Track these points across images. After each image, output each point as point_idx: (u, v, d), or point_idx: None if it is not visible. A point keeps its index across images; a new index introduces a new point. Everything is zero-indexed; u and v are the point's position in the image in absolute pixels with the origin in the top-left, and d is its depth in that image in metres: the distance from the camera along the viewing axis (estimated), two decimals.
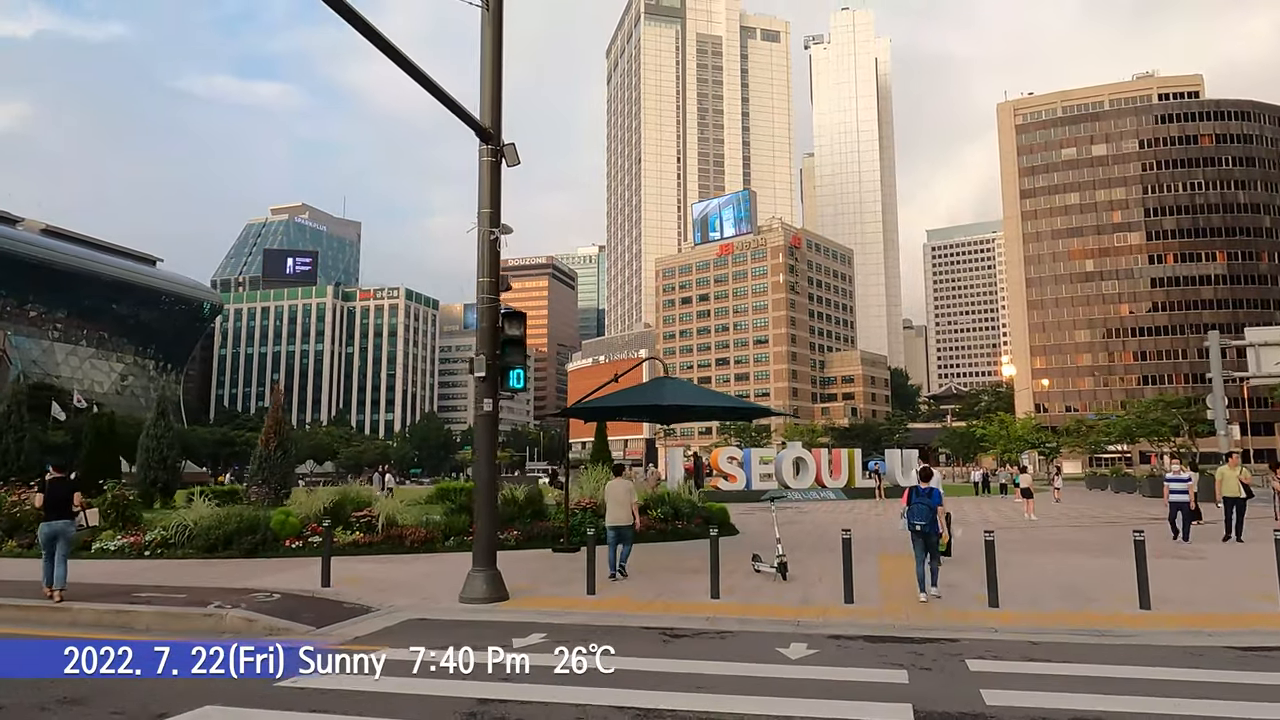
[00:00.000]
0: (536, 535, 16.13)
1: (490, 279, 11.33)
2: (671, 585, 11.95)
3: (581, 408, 14.34)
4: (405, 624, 9.46)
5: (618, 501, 12.69)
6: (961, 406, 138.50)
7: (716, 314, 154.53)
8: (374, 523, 15.48)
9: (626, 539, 12.78)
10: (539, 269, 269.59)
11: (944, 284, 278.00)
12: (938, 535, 11.04)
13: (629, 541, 12.88)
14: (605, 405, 14.06)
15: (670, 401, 13.05)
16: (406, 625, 9.39)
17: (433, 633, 8.93)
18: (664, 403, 12.94)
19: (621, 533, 12.67)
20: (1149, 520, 24.32)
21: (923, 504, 10.94)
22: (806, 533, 19.64)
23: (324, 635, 8.84)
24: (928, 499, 10.97)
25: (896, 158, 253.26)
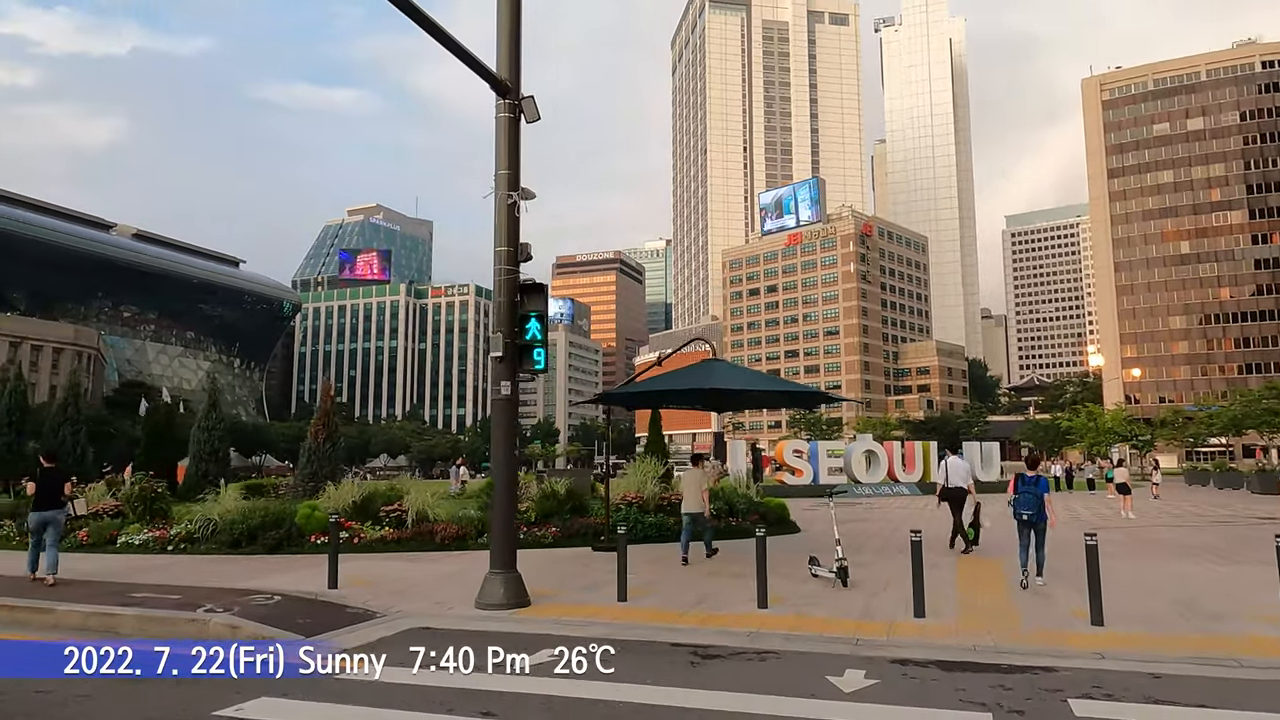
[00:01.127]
0: (577, 532, 14.97)
1: (509, 248, 10.15)
2: (716, 591, 10.59)
3: (621, 393, 13.02)
4: (405, 634, 8.37)
5: (690, 491, 13.31)
6: (1045, 398, 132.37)
7: (785, 305, 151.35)
8: (403, 518, 14.55)
9: (702, 524, 13.41)
10: (606, 264, 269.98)
11: (1025, 271, 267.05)
12: (1045, 523, 10.83)
13: (706, 528, 13.55)
14: (646, 390, 12.73)
15: (718, 385, 11.66)
16: (406, 635, 8.29)
17: (432, 646, 7.81)
18: (711, 386, 11.57)
19: (696, 519, 13.24)
20: (1267, 519, 21.70)
21: (1029, 493, 10.78)
22: (874, 532, 17.96)
23: (308, 647, 7.81)
24: (1034, 487, 10.80)
25: (973, 143, 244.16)
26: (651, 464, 17.37)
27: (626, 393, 13.25)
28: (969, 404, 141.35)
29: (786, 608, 9.38)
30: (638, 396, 13.48)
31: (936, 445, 40.48)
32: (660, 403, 14.61)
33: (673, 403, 14.43)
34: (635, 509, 15.87)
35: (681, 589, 10.77)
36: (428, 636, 8.26)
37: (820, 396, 14.28)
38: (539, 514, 15.43)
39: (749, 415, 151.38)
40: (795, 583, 11.05)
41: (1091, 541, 8.65)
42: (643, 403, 14.89)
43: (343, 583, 10.74)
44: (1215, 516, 24.06)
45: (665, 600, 9.97)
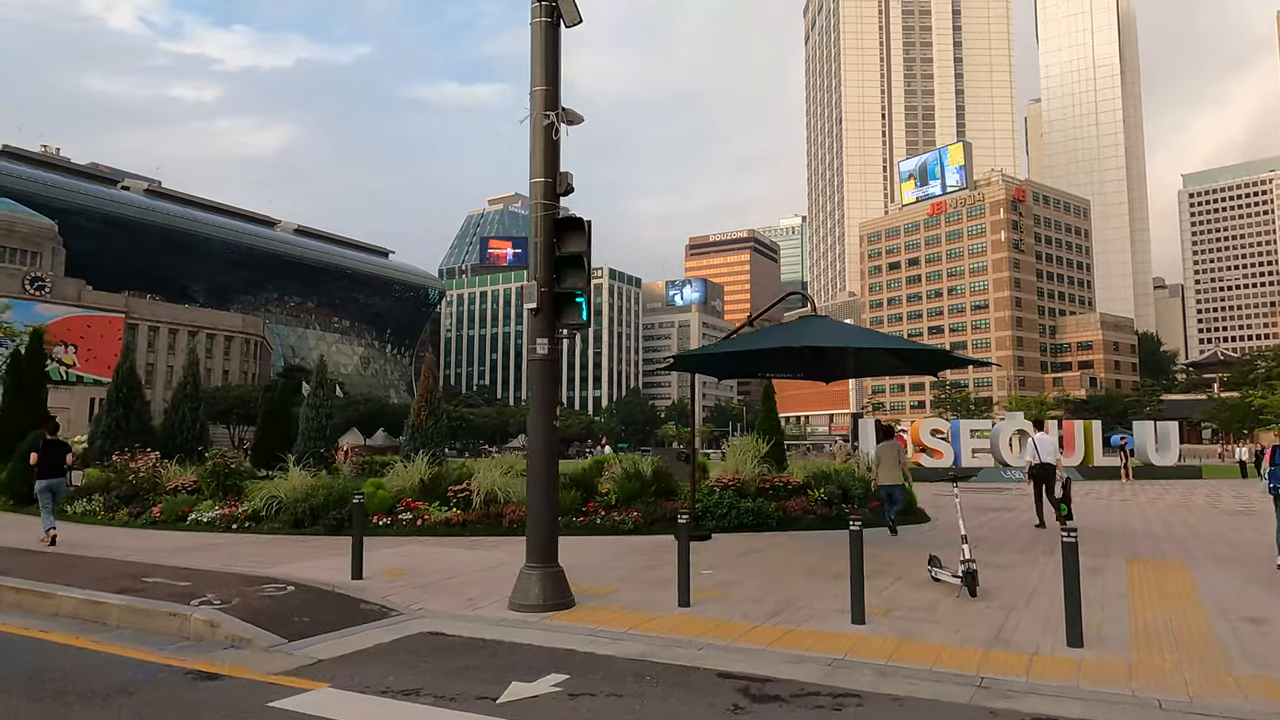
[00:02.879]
0: (661, 518, 13.20)
1: (546, 179, 8.44)
2: (807, 595, 8.55)
3: (700, 355, 10.97)
4: (405, 641, 6.89)
5: (886, 464, 13.42)
6: (1231, 374, 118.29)
7: (928, 279, 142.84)
8: (471, 499, 13.28)
9: (896, 499, 13.69)
10: (740, 243, 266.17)
11: (1206, 235, 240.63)
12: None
13: (899, 501, 13.84)
14: (727, 352, 10.65)
15: (810, 342, 9.51)
16: (405, 643, 6.81)
17: (424, 659, 6.29)
18: (802, 344, 9.45)
19: (892, 493, 13.55)
20: None
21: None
22: (1021, 525, 15.15)
23: (278, 653, 6.47)
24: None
25: (1143, 97, 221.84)
26: (753, 441, 15.32)
27: (706, 354, 11.22)
28: (1139, 381, 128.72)
29: (891, 624, 7.23)
30: (719, 360, 11.41)
31: (1100, 426, 35.87)
32: (749, 368, 12.48)
33: (766, 368, 12.33)
34: (732, 492, 13.91)
35: (765, 591, 8.79)
36: (427, 646, 6.74)
37: (944, 356, 11.60)
38: (620, 497, 13.78)
39: (890, 395, 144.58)
40: (910, 588, 8.82)
41: None
42: (728, 369, 12.78)
43: (375, 572, 9.48)
44: None
45: (738, 606, 8.03)
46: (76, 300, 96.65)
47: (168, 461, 16.29)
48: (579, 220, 8.32)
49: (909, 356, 10.85)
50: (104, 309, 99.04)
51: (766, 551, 11.40)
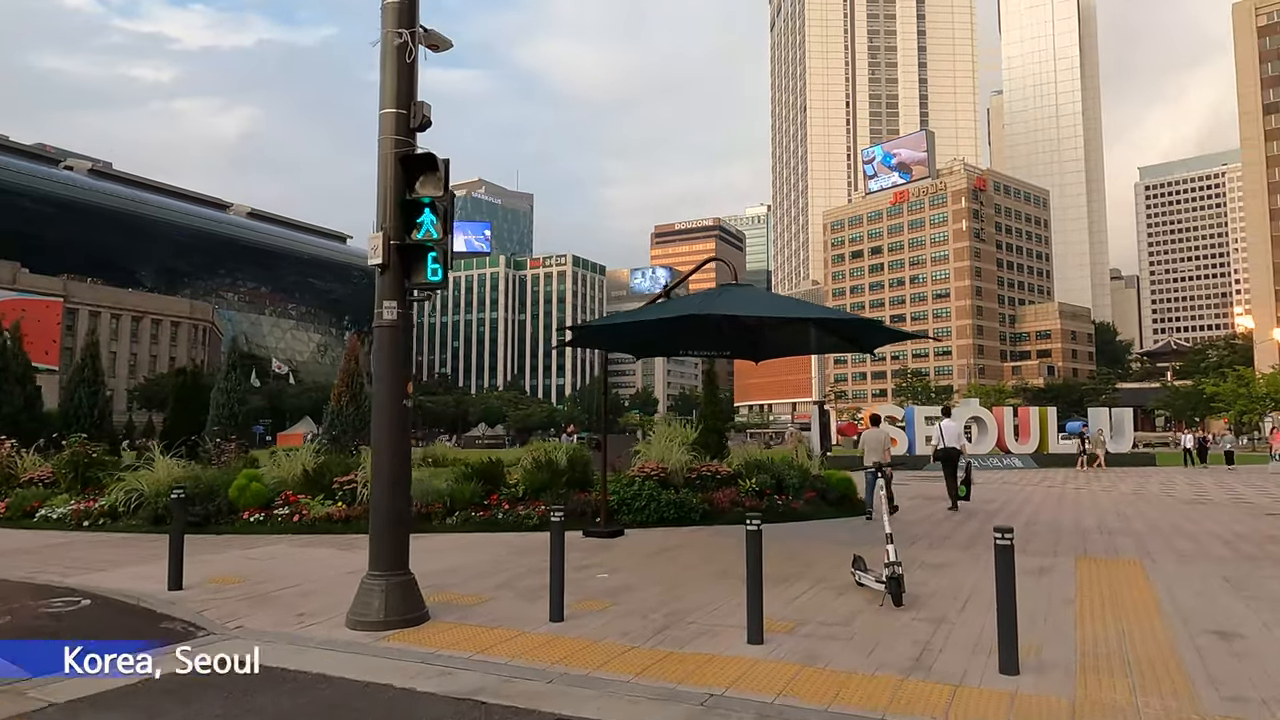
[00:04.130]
0: (573, 512, 11.86)
1: (398, 109, 7.03)
2: (706, 605, 7.27)
3: (599, 326, 9.56)
4: (169, 679, 5.47)
5: (872, 448, 13.76)
6: (1184, 364, 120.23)
7: (890, 267, 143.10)
8: (358, 491, 11.82)
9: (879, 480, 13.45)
10: (706, 232, 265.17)
11: (1161, 227, 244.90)
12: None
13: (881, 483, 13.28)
14: (627, 323, 9.24)
15: (723, 311, 8.18)
16: (170, 681, 5.40)
17: (183, 704, 4.91)
18: (710, 313, 8.11)
19: (882, 470, 13.31)
20: None
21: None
22: (966, 517, 14.09)
23: (6, 693, 5.04)
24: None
25: (1102, 92, 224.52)
26: (679, 427, 14.04)
27: (607, 326, 9.82)
28: (1095, 370, 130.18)
29: (795, 644, 5.97)
30: (625, 334, 10.01)
31: (1056, 412, 35.32)
32: (666, 343, 11.13)
33: (688, 345, 10.99)
34: (654, 483, 12.62)
35: (662, 599, 7.50)
36: (198, 685, 5.34)
37: (872, 327, 10.24)
38: (528, 488, 12.41)
39: (852, 383, 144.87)
40: (829, 595, 7.59)
41: None
42: (640, 344, 11.33)
43: (204, 579, 8.04)
44: None
45: (622, 620, 6.74)
46: (11, 283, 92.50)
47: (27, 450, 14.55)
48: (432, 158, 6.91)
49: (837, 329, 9.62)
50: (41, 293, 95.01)
51: (681, 550, 10.14)
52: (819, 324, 9.45)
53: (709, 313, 7.96)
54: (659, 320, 9.04)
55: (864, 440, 15.23)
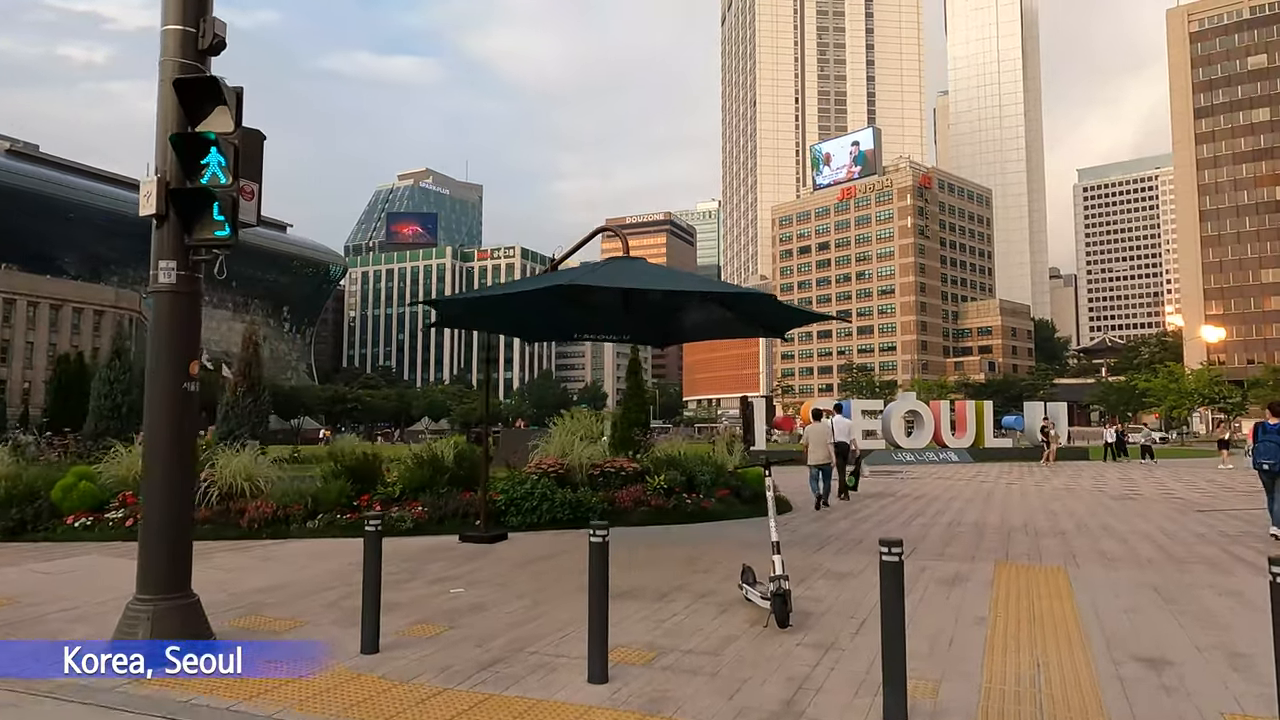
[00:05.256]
0: (454, 513, 10.66)
1: (185, 26, 5.71)
2: (558, 629, 6.13)
3: (463, 300, 8.26)
4: None
5: (816, 444, 14.59)
6: (1118, 360, 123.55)
7: (838, 263, 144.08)
8: (208, 491, 10.41)
9: (828, 474, 14.87)
10: (657, 226, 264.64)
11: (1097, 228, 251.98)
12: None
13: (829, 477, 15.02)
14: (493, 295, 7.89)
15: (602, 283, 7.03)
16: None
17: None
18: (584, 284, 6.96)
19: (824, 469, 14.67)
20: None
21: (1271, 441, 10.18)
22: (888, 516, 13.23)
23: None
24: (1277, 435, 10.15)
25: (1044, 96, 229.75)
26: (584, 419, 12.89)
27: (471, 300, 8.53)
28: (1034, 366, 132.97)
29: (646, 681, 4.87)
30: (484, 306, 8.68)
31: (992, 406, 35.15)
32: (555, 326, 9.87)
33: (584, 328, 9.80)
34: (551, 480, 11.44)
35: (513, 621, 6.34)
36: None
37: (772, 303, 8.83)
38: (406, 488, 11.13)
39: (799, 378, 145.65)
40: (709, 613, 6.51)
41: None
42: (520, 324, 9.98)
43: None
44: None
45: (453, 648, 5.57)
46: None
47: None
48: (217, 84, 5.60)
49: (735, 305, 8.54)
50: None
51: (561, 557, 8.98)
52: (719, 301, 8.39)
53: (578, 283, 6.81)
54: (528, 294, 7.87)
55: (808, 435, 15.47)
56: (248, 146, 5.91)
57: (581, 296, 9.09)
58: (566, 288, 7.17)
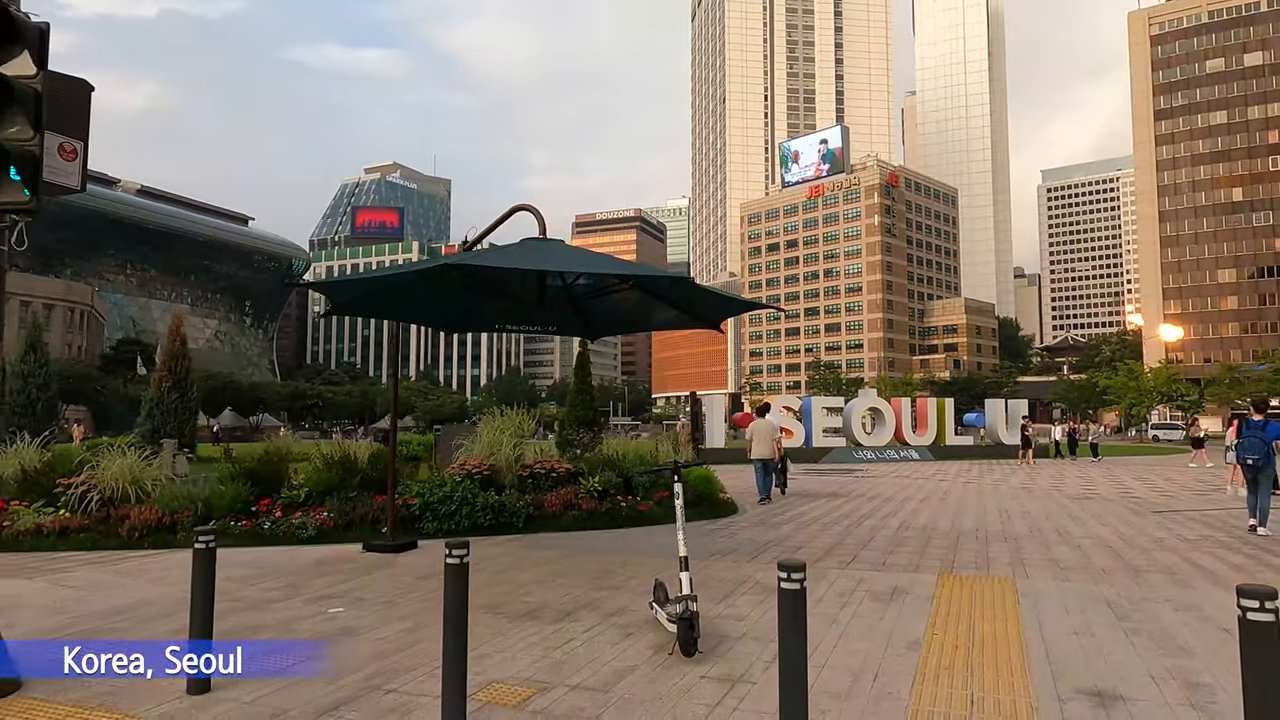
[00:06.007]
0: (363, 519, 9.78)
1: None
2: (430, 660, 5.31)
3: (346, 283, 7.37)
4: None
5: (760, 440, 14.90)
6: (1080, 358, 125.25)
7: (806, 260, 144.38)
8: (88, 496, 9.43)
9: (769, 469, 15.06)
10: (626, 222, 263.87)
11: (1061, 228, 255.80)
12: (1272, 469, 10.52)
13: (773, 472, 15.31)
14: (379, 278, 6.94)
15: (500, 264, 6.21)
16: None
17: None
18: (483, 265, 6.14)
19: (766, 465, 14.92)
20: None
21: (1255, 437, 10.39)
22: (836, 519, 12.57)
23: None
24: (1261, 432, 10.38)
25: (1009, 98, 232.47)
26: (514, 417, 12.07)
27: (354, 282, 7.57)
28: (998, 364, 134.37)
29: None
30: (380, 292, 7.66)
31: (954, 403, 34.86)
32: (457, 312, 9.00)
33: (486, 314, 8.96)
34: (475, 482, 10.61)
35: (387, 645, 5.52)
36: None
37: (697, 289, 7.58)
38: (313, 491, 10.23)
39: (767, 375, 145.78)
40: (611, 636, 5.75)
41: None
42: (421, 309, 9.02)
43: None
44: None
45: (300, 685, 4.74)
46: None
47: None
48: (12, 20, 4.69)
49: (659, 291, 7.79)
50: None
51: (471, 568, 8.15)
52: (649, 290, 7.62)
53: (468, 264, 5.99)
54: (428, 279, 7.02)
55: (753, 431, 15.56)
56: (69, 97, 5.05)
57: (499, 284, 8.26)
58: (457, 269, 6.35)
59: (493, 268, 6.59)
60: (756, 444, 15.07)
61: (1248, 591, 3.09)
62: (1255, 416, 10.76)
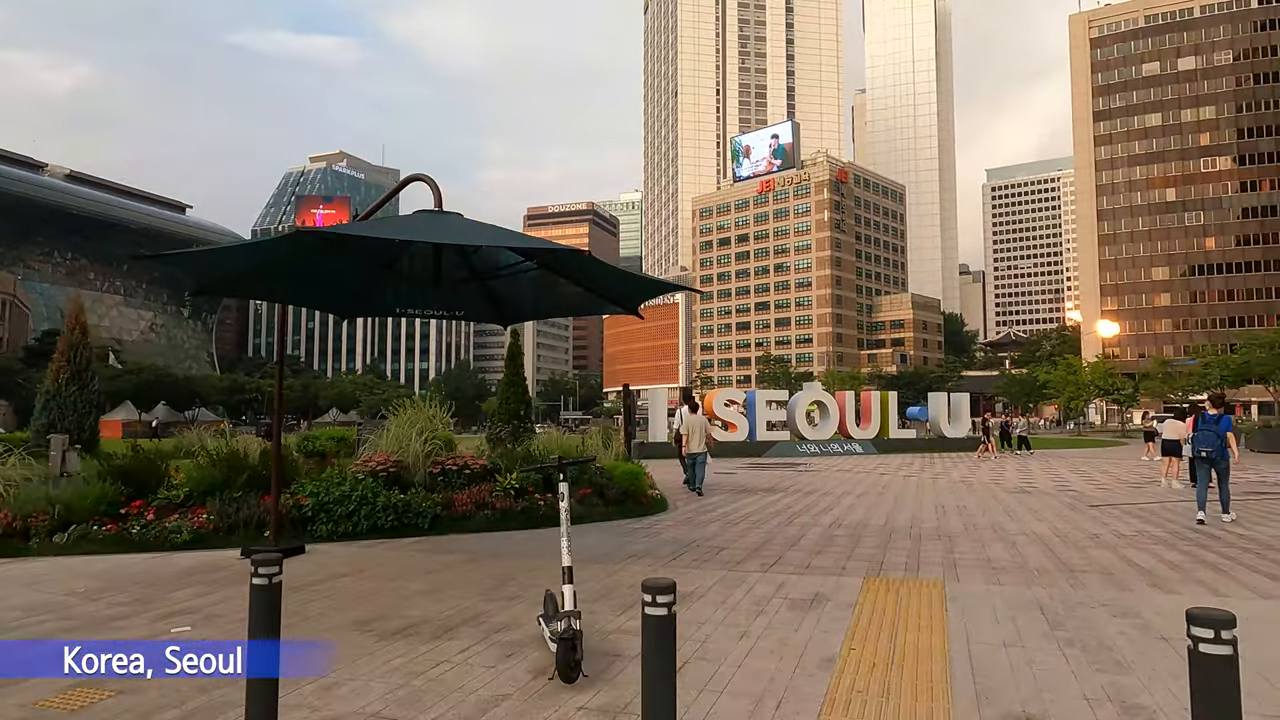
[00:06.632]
0: (248, 521, 8.89)
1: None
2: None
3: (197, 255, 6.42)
4: None
5: (695, 434, 15.09)
6: (1021, 353, 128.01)
7: (756, 255, 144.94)
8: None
9: (701, 463, 15.13)
10: (579, 215, 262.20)
11: (1004, 226, 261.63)
12: (1227, 461, 10.82)
13: (703, 465, 15.27)
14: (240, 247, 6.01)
15: (375, 235, 5.42)
16: None
17: None
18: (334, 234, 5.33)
19: (697, 459, 15.07)
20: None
21: (1210, 430, 10.75)
22: (767, 516, 12.02)
23: None
24: (1215, 425, 10.75)
25: (956, 99, 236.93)
26: (427, 408, 11.26)
27: (211, 253, 6.61)
28: (944, 359, 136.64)
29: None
30: (235, 260, 6.60)
31: (897, 396, 34.83)
32: (348, 294, 8.15)
33: (385, 297, 8.14)
34: (376, 482, 9.78)
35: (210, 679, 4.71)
36: None
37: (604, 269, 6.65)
38: (195, 491, 9.30)
39: (718, 369, 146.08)
40: (490, 658, 5.03)
41: None
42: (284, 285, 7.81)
43: None
44: None
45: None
46: None
47: None
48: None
49: (550, 263, 7.07)
50: None
51: (354, 578, 7.36)
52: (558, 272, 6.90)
53: (331, 234, 5.19)
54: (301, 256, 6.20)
55: (686, 425, 15.61)
56: None
57: (390, 261, 7.46)
58: (310, 237, 5.53)
59: (356, 237, 5.80)
60: (690, 438, 15.24)
61: (1201, 618, 2.52)
62: (1211, 411, 11.06)
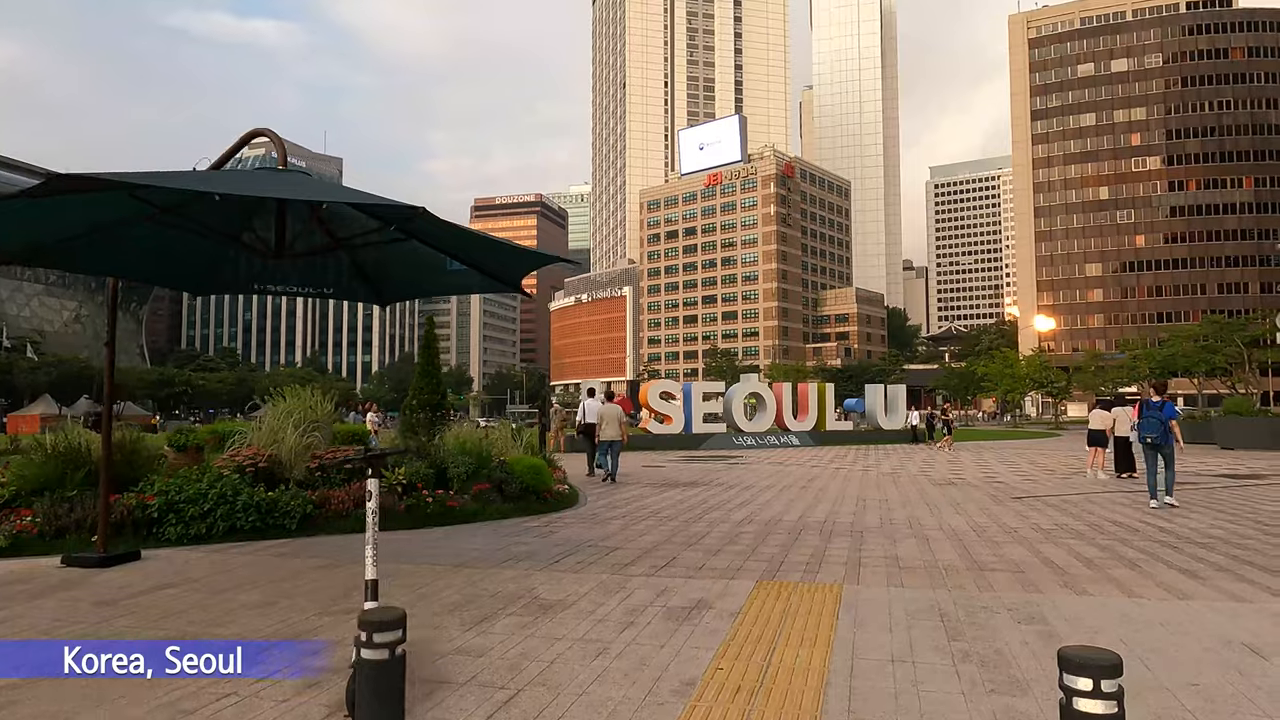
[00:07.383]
0: (81, 523, 7.88)
1: None
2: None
3: None
4: None
5: (609, 423, 15.87)
6: (961, 347, 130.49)
7: (704, 249, 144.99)
8: None
9: (615, 451, 15.85)
10: (527, 207, 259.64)
11: (947, 223, 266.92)
12: (1172, 447, 11.07)
13: (617, 453, 15.96)
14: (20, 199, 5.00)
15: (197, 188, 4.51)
16: None
17: None
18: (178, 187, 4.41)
19: (612, 446, 15.79)
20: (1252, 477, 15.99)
21: (1154, 417, 11.11)
22: (676, 513, 11.35)
23: None
24: (1159, 412, 11.10)
25: (901, 98, 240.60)
26: (306, 398, 10.30)
27: None
28: (887, 352, 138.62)
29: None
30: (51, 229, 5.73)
31: (834, 388, 34.66)
32: (170, 264, 7.14)
33: (239, 269, 7.21)
34: (241, 478, 8.82)
35: None
36: None
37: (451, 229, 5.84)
38: (22, 489, 8.24)
39: (665, 363, 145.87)
40: (283, 691, 4.22)
41: None
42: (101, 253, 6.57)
43: None
44: None
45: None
46: None
47: None
48: None
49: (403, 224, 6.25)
50: None
51: (184, 587, 6.44)
52: (360, 208, 6.08)
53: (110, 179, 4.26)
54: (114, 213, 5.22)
55: (601, 414, 16.15)
56: None
57: (224, 228, 6.53)
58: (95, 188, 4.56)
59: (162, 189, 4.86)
60: (604, 426, 15.90)
61: (1075, 661, 1.85)
62: (1154, 398, 11.43)
